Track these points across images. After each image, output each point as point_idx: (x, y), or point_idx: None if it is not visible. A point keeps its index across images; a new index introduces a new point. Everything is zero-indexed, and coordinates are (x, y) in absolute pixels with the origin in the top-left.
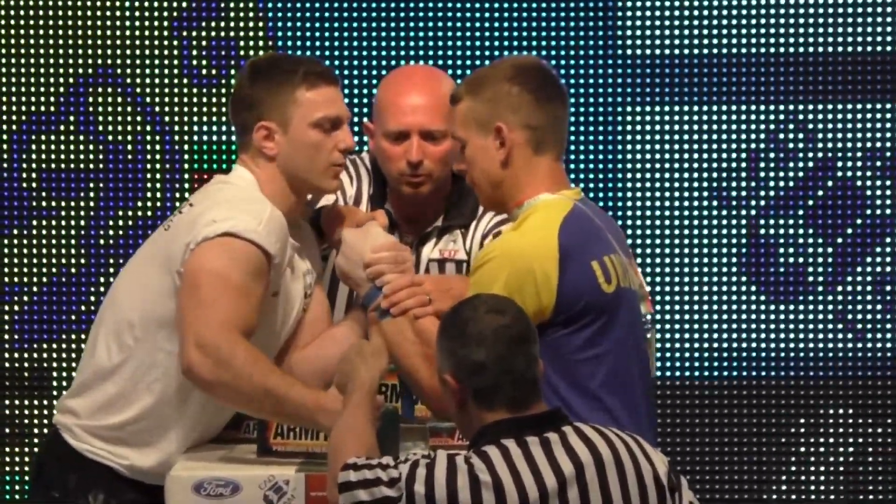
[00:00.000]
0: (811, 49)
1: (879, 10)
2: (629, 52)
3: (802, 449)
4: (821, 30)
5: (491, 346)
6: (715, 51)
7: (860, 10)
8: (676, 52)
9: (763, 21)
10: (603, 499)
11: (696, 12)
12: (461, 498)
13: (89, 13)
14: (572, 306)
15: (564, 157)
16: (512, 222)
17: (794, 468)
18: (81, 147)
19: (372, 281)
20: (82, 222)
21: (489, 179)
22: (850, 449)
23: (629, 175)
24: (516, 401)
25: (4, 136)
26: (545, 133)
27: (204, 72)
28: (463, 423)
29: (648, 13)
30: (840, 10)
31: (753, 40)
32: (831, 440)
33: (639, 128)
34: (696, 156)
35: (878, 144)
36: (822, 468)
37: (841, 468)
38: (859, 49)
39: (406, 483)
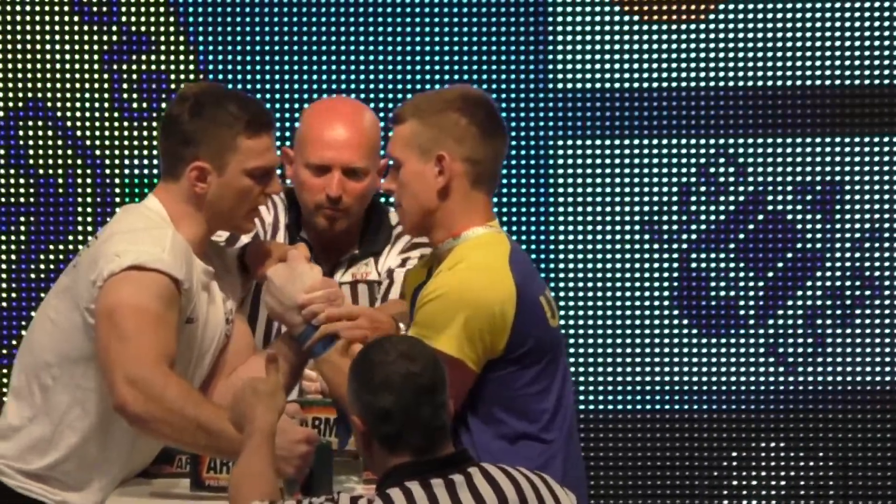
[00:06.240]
0: (741, 83)
1: (808, 44)
2: (560, 86)
3: (735, 483)
4: (750, 64)
5: (398, 393)
6: (645, 85)
7: (789, 44)
8: (607, 86)
9: (692, 55)
10: None
11: (626, 46)
12: None
13: (19, 45)
14: (524, 343)
15: (496, 191)
16: (429, 246)
17: (726, 502)
18: (11, 181)
19: (308, 321)
20: (13, 257)
21: (420, 205)
22: (782, 483)
23: (560, 209)
24: (421, 447)
25: None
26: (485, 168)
27: (135, 105)
28: (371, 462)
29: (579, 47)
30: (769, 45)
31: (683, 74)
32: (763, 474)
33: (570, 161)
34: (626, 189)
35: (809, 178)
36: (755, 502)
37: (773, 502)
38: (788, 83)
39: None
